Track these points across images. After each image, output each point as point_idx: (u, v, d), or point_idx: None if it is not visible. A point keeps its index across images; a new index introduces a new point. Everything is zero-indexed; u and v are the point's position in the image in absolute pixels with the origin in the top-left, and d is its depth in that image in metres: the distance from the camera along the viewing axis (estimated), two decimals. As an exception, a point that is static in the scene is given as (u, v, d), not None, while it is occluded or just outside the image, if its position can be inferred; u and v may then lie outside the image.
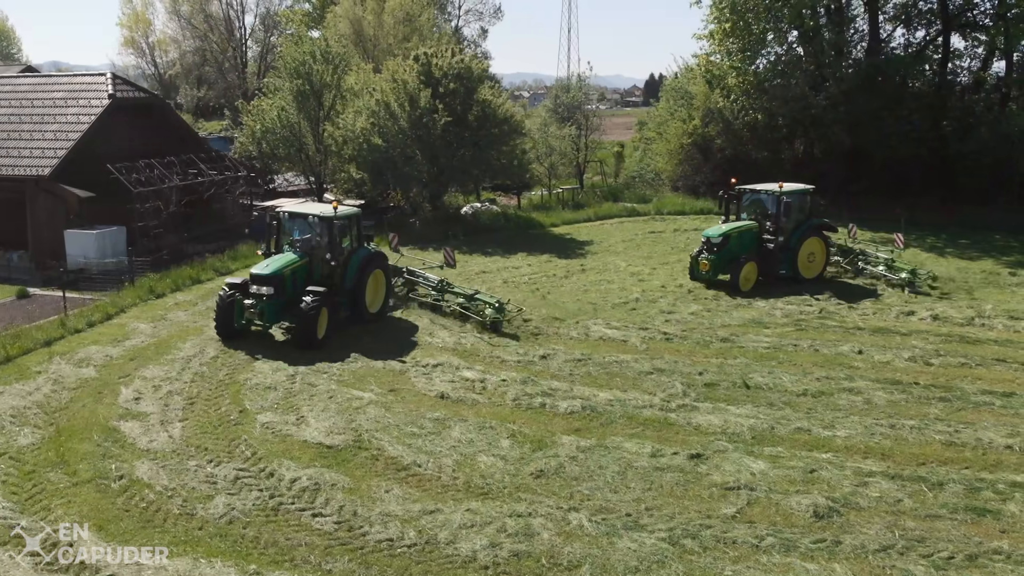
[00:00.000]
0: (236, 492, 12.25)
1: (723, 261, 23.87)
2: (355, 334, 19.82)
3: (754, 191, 25.34)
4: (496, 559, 10.68)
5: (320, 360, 17.83)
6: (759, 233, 24.64)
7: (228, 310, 18.48)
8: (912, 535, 11.32)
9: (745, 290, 23.55)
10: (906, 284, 24.29)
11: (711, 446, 14.03)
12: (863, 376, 17.45)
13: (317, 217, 19.82)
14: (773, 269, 24.36)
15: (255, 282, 18.44)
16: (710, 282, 24.37)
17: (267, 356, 18.07)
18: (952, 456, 13.81)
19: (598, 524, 11.53)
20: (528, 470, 13.14)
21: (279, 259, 18.93)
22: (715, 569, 10.51)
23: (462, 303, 21.41)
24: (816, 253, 24.95)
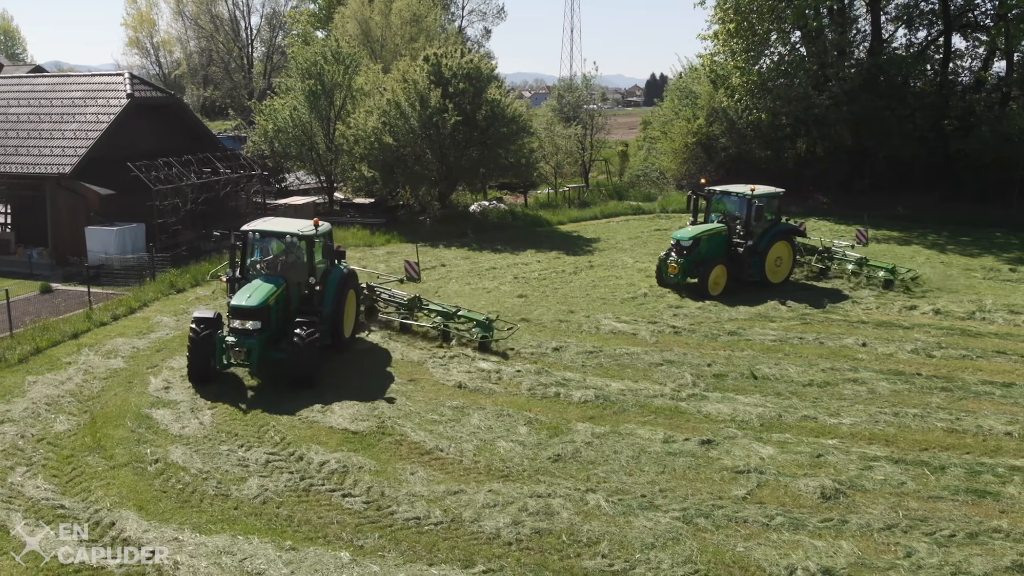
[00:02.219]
0: (268, 475, 12.80)
1: (692, 264, 23.22)
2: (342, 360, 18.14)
3: (725, 192, 24.77)
4: (519, 536, 11.23)
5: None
6: (729, 236, 24.01)
7: (205, 350, 15.76)
8: (915, 515, 11.86)
9: (714, 294, 23.02)
10: (883, 283, 24.17)
11: (721, 432, 14.57)
12: (867, 367, 17.98)
13: (296, 236, 17.17)
14: (742, 273, 23.73)
15: (237, 316, 15.72)
16: (678, 286, 23.87)
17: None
18: (954, 442, 14.35)
19: (615, 504, 12.08)
20: (546, 454, 13.68)
21: (258, 287, 16.20)
22: (727, 546, 11.05)
23: (442, 322, 19.48)
24: (783, 257, 24.28)
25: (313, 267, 17.09)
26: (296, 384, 15.94)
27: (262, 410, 15.25)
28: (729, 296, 23.09)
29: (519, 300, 23.21)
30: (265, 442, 13.96)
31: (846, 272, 25.21)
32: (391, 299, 20.98)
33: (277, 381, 16.43)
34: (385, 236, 31.18)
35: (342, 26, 48.78)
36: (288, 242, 17.50)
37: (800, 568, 10.48)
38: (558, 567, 10.60)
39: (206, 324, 15.82)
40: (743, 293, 23.40)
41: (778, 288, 24.03)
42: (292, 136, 34.79)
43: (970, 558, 10.75)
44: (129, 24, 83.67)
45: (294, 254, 17.63)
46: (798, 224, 26.24)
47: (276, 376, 16.57)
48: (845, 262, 25.46)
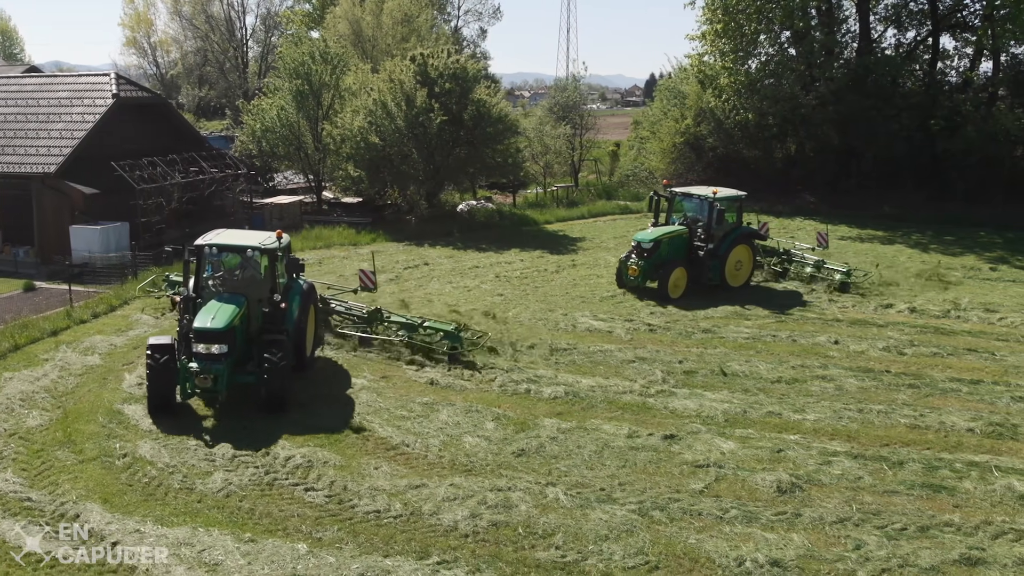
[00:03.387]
0: (233, 469, 12.97)
1: (652, 267, 22.93)
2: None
3: (687, 194, 24.56)
4: (476, 528, 11.41)
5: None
6: (690, 239, 23.73)
7: (166, 378, 14.47)
8: (869, 508, 12.04)
9: (674, 297, 22.71)
10: (839, 284, 24.08)
11: (685, 428, 14.76)
12: (837, 365, 18.17)
13: (257, 250, 15.75)
14: (702, 276, 23.39)
15: (202, 339, 14.39)
16: (638, 288, 23.52)
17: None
18: (915, 438, 14.53)
19: (573, 497, 12.26)
20: (510, 449, 13.86)
21: (220, 307, 14.86)
22: (680, 538, 11.23)
23: (406, 335, 18.47)
24: (743, 261, 24.03)
25: (276, 282, 15.83)
26: (268, 408, 14.87)
27: (232, 406, 15.39)
28: (690, 299, 22.80)
29: (498, 298, 23.40)
30: (233, 438, 14.11)
31: (804, 274, 25.09)
32: (348, 312, 19.55)
33: (244, 407, 15.13)
34: (370, 235, 31.38)
35: (333, 26, 48.98)
36: (248, 256, 16.03)
37: (749, 560, 10.65)
38: (511, 558, 10.78)
39: (164, 351, 14.44)
40: (706, 295, 23.21)
41: (738, 292, 23.84)
42: (280, 135, 35.01)
43: (918, 551, 10.92)
44: (126, 24, 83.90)
45: (254, 269, 16.36)
46: (761, 225, 26.06)
47: (242, 402, 15.25)
48: (804, 264, 25.34)
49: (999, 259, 29.95)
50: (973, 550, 10.93)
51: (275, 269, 15.95)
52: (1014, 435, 14.72)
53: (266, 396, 14.86)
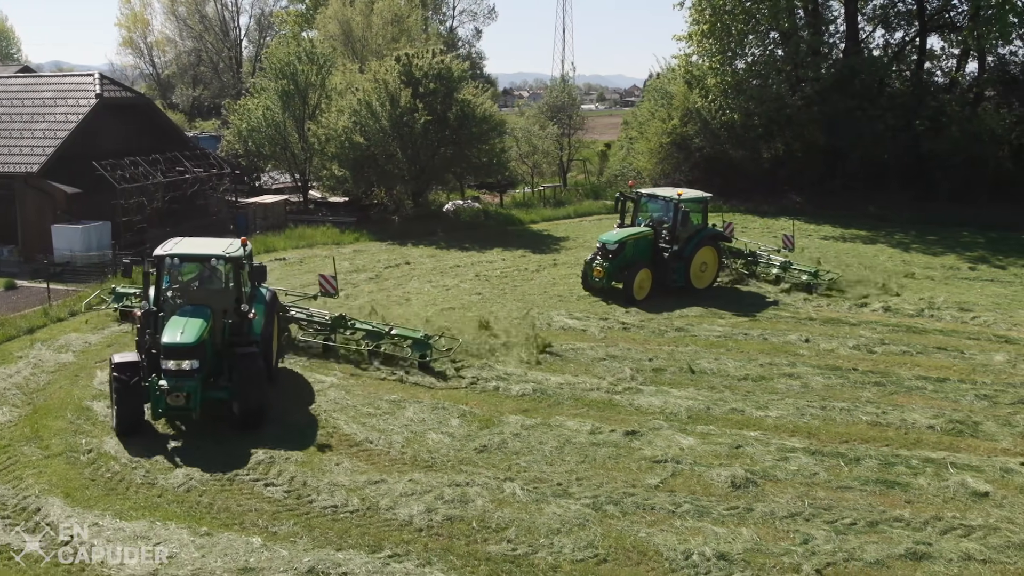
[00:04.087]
0: (195, 464, 13.11)
1: (617, 268, 22.77)
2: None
3: (652, 196, 24.45)
4: (431, 522, 11.56)
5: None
6: (655, 240, 23.55)
7: (135, 398, 13.80)
8: (820, 504, 12.19)
9: (639, 299, 22.49)
10: (806, 285, 24.04)
11: (647, 424, 14.91)
12: (805, 363, 18.31)
13: (222, 259, 15.23)
14: (667, 278, 23.20)
15: (172, 356, 13.71)
16: (603, 290, 23.35)
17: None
18: (875, 435, 14.68)
19: (530, 492, 12.40)
20: (472, 445, 14.01)
21: (187, 321, 14.15)
22: (631, 532, 11.38)
23: (373, 343, 17.95)
24: (708, 263, 23.87)
25: (242, 292, 15.07)
26: (244, 425, 14.21)
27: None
28: (665, 299, 22.74)
29: (476, 297, 23.54)
30: (197, 435, 14.26)
31: (770, 276, 25.06)
32: (310, 319, 18.85)
33: (215, 424, 14.54)
34: (354, 235, 31.54)
35: (324, 26, 49.16)
36: (212, 266, 15.67)
37: (696, 553, 10.80)
38: (463, 552, 10.93)
39: (131, 369, 13.77)
40: (682, 296, 23.14)
41: (713, 292, 23.88)
42: (265, 135, 35.17)
43: (865, 545, 11.06)
44: (122, 24, 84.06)
45: (218, 279, 15.85)
46: (726, 226, 25.99)
47: (213, 419, 14.62)
48: (770, 266, 25.27)
49: (979, 259, 30.10)
50: (920, 545, 11.07)
51: (240, 278, 15.11)
52: (974, 432, 14.87)
53: (241, 412, 14.17)
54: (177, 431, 14.42)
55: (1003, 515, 11.96)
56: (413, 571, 10.45)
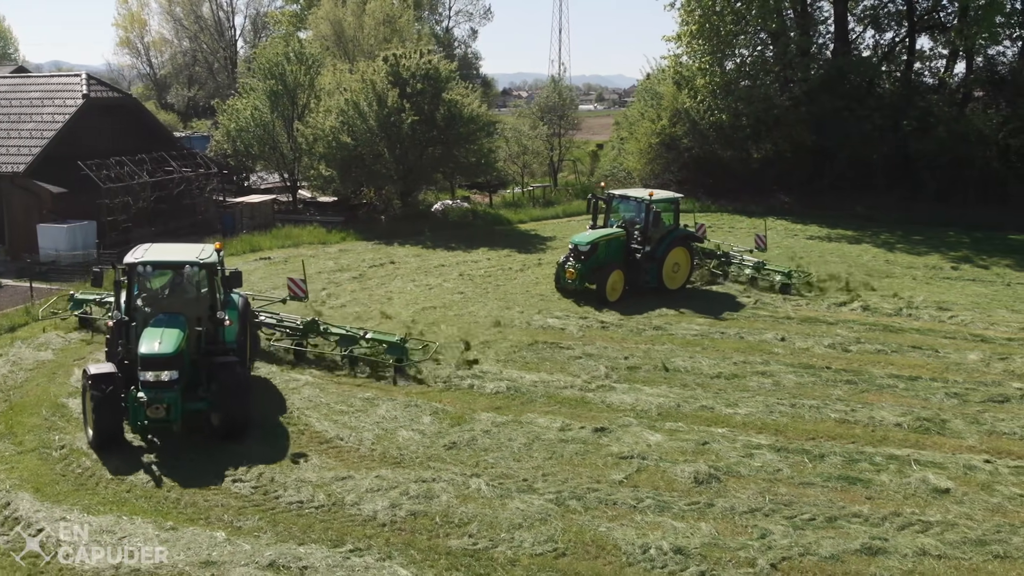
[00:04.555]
0: (165, 461, 13.25)
1: (590, 270, 22.73)
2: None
3: (624, 197, 24.37)
4: (394, 518, 11.70)
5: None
6: (627, 241, 23.55)
7: (113, 411, 13.29)
8: (781, 499, 12.33)
9: (612, 300, 22.45)
10: (780, 286, 24.06)
11: (617, 421, 15.06)
12: (779, 361, 18.45)
13: (196, 265, 14.75)
14: (639, 279, 23.21)
15: (151, 367, 13.26)
16: (576, 292, 23.26)
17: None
18: (842, 432, 14.82)
19: (495, 488, 12.54)
20: (442, 442, 14.15)
21: (164, 331, 13.69)
22: (591, 526, 11.52)
23: (347, 347, 17.63)
24: (681, 264, 23.82)
25: (216, 299, 14.67)
26: (226, 435, 13.86)
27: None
28: (644, 299, 22.77)
29: (458, 296, 23.67)
30: (171, 433, 14.37)
31: (744, 277, 25.05)
32: (279, 324, 18.50)
33: (194, 437, 14.12)
34: (341, 234, 31.69)
35: (316, 26, 49.31)
36: (187, 272, 15.22)
37: (654, 547, 10.94)
38: (424, 546, 11.07)
39: (108, 381, 13.26)
40: (641, 295, 23.10)
41: (692, 292, 23.93)
42: (254, 135, 35.32)
43: (821, 540, 11.20)
44: (120, 24, 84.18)
45: (190, 285, 15.43)
46: (698, 227, 25.96)
47: (191, 431, 14.21)
48: (743, 267, 25.26)
49: (963, 259, 30.26)
50: (876, 540, 11.20)
51: (215, 284, 14.67)
52: (941, 430, 15.01)
53: (225, 423, 13.82)
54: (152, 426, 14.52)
55: (962, 511, 12.11)
56: (373, 565, 10.58)
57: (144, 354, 13.35)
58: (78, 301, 20.10)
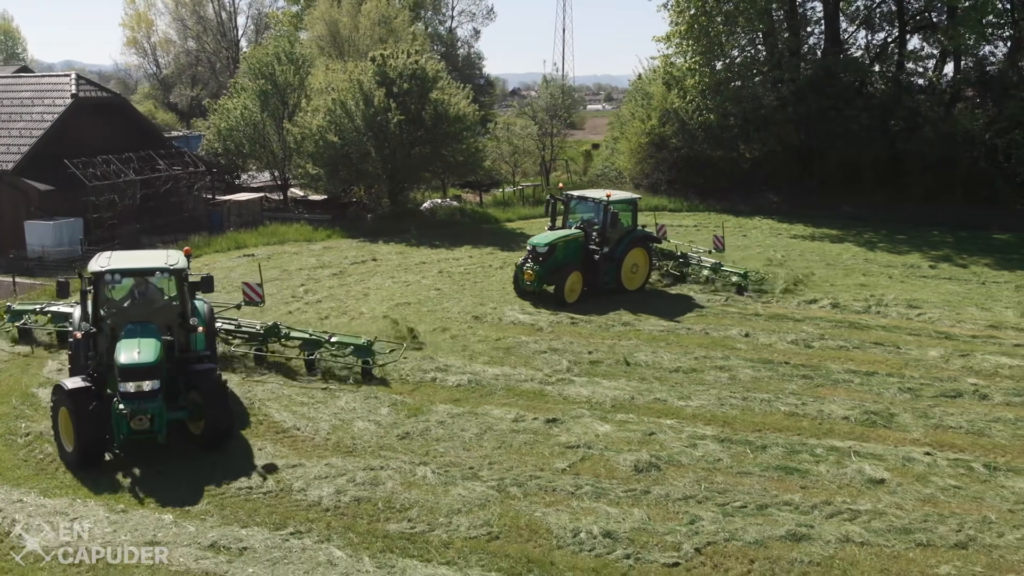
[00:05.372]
0: (124, 449, 13.66)
1: (548, 271, 22.62)
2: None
3: (582, 198, 24.31)
4: (338, 503, 12.11)
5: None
6: (585, 242, 23.43)
7: (97, 426, 12.86)
8: (716, 488, 12.67)
9: (570, 301, 22.37)
10: (736, 287, 24.10)
11: (570, 413, 15.41)
12: (740, 356, 18.77)
13: (167, 272, 14.23)
14: (598, 280, 23.19)
15: (131, 377, 12.90)
16: (534, 294, 23.11)
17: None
18: (789, 425, 15.14)
19: (440, 475, 12.93)
20: (396, 432, 14.54)
21: (142, 339, 13.28)
22: (528, 511, 11.90)
23: (310, 352, 17.31)
24: (639, 264, 23.83)
25: (187, 305, 14.29)
26: (211, 444, 13.65)
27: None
28: (590, 302, 22.65)
29: (434, 293, 24.06)
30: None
31: (701, 277, 25.10)
32: (238, 330, 18.07)
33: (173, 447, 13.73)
34: (327, 232, 32.14)
35: (312, 27, 49.82)
36: (160, 279, 14.75)
37: (584, 531, 11.30)
38: (363, 529, 11.46)
39: (88, 396, 12.93)
40: (599, 296, 23.12)
41: (634, 295, 23.72)
42: (244, 134, 35.83)
43: (748, 526, 11.53)
44: (127, 24, 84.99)
45: (155, 293, 15.02)
46: (658, 228, 26.06)
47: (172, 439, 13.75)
48: (701, 267, 25.31)
49: (943, 257, 30.48)
50: (802, 527, 11.52)
51: (184, 291, 14.29)
52: (888, 423, 15.29)
53: (208, 431, 13.57)
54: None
55: (893, 501, 12.41)
56: (310, 546, 10.99)
57: (124, 364, 12.90)
58: (16, 312, 19.05)
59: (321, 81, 37.27)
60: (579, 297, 22.71)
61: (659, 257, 25.59)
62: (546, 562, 10.77)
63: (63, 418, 13.12)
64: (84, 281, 13.89)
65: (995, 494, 12.73)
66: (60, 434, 13.27)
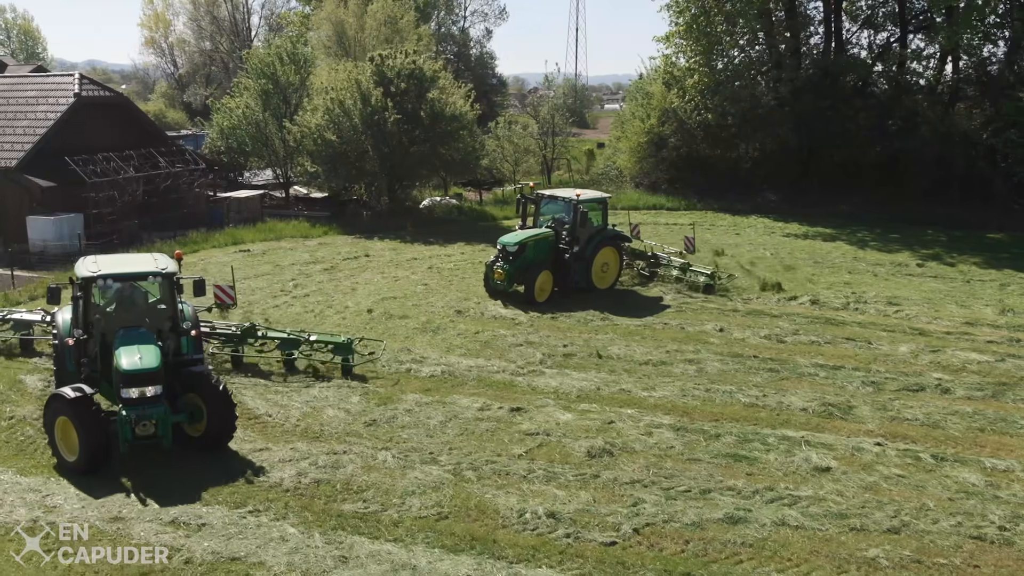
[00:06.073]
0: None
1: (518, 271, 22.66)
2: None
3: (552, 197, 24.36)
4: (298, 484, 12.65)
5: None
6: (555, 242, 23.46)
7: (102, 434, 12.74)
8: (664, 473, 13.12)
9: (540, 301, 22.42)
10: (703, 286, 24.12)
11: (535, 402, 15.89)
12: (711, 350, 19.15)
13: (159, 275, 13.95)
14: (568, 279, 23.23)
15: (134, 383, 12.77)
16: (504, 293, 23.04)
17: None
18: (747, 415, 15.54)
19: (400, 460, 13.46)
20: (364, 419, 15.08)
21: (140, 345, 13.20)
22: (479, 493, 12.40)
23: (289, 352, 17.33)
24: (610, 263, 23.89)
25: (177, 309, 14.20)
26: (215, 443, 13.64)
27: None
28: (555, 303, 22.67)
29: (421, 288, 24.54)
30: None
31: (671, 277, 25.13)
32: (213, 331, 17.73)
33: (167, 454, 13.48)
34: (323, 228, 32.77)
35: (318, 27, 50.52)
36: (151, 284, 14.41)
37: (529, 511, 11.80)
38: (319, 509, 12.00)
39: (91, 403, 12.86)
40: (570, 296, 23.19)
41: (611, 293, 23.90)
42: (246, 132, 36.55)
43: (688, 509, 11.97)
44: (145, 24, 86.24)
45: (146, 297, 14.84)
46: (632, 227, 25.82)
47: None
48: (670, 267, 25.40)
49: (933, 256, 30.62)
50: (740, 511, 11.96)
51: (175, 295, 14.16)
52: (844, 415, 15.64)
53: (211, 433, 13.56)
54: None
55: (835, 488, 12.80)
56: (266, 523, 11.54)
57: (127, 370, 12.73)
58: None
59: (324, 81, 37.92)
60: (549, 296, 22.90)
61: (631, 257, 25.78)
62: (489, 540, 11.26)
63: (62, 427, 12.88)
64: (75, 287, 13.80)
65: (938, 483, 13.07)
66: (58, 444, 12.99)
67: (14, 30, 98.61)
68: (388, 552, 10.92)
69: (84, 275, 13.56)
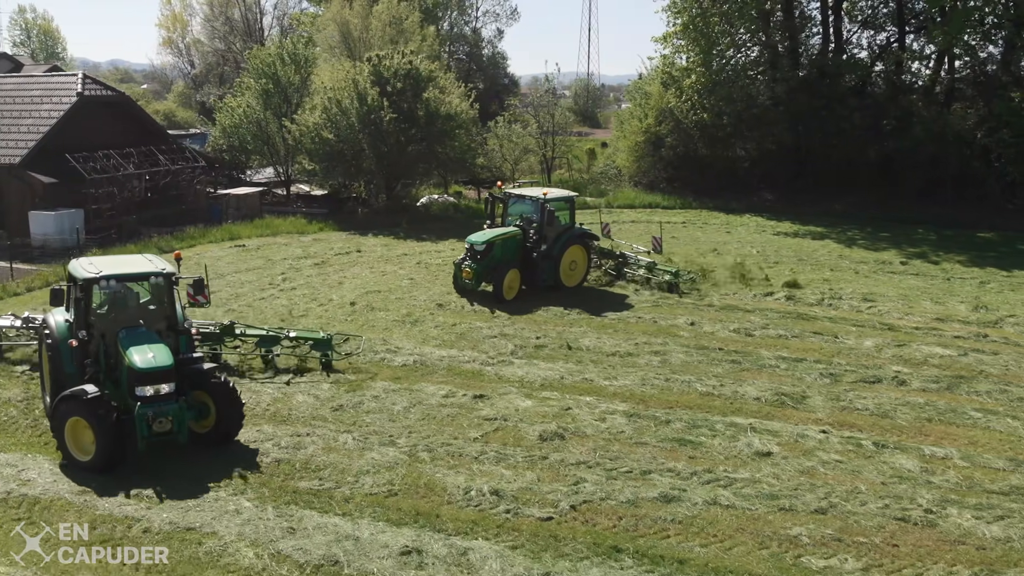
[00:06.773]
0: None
1: (486, 269, 22.86)
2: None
3: (520, 196, 24.53)
4: (259, 463, 13.35)
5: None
6: (523, 240, 23.65)
7: (120, 433, 12.87)
8: (609, 455, 13.72)
9: (509, 299, 22.58)
10: (668, 285, 24.27)
11: (499, 390, 16.50)
12: (678, 342, 19.68)
13: (160, 276, 14.07)
14: (536, 278, 23.40)
15: (149, 381, 12.96)
16: (473, 292, 23.30)
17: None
18: (701, 403, 16.08)
19: (359, 442, 14.12)
20: (331, 405, 15.75)
21: (149, 344, 13.38)
22: (430, 472, 13.05)
23: (268, 349, 17.56)
24: (578, 261, 24.07)
25: (176, 308, 14.44)
26: (224, 439, 13.95)
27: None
28: (522, 301, 22.82)
29: (407, 282, 25.19)
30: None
31: (638, 276, 25.31)
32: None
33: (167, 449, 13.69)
34: (319, 225, 33.53)
35: (323, 28, 51.34)
36: (152, 284, 14.38)
37: (475, 489, 12.43)
38: (275, 486, 12.68)
39: (105, 402, 12.91)
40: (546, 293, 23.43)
41: (569, 291, 23.91)
42: (248, 131, 37.41)
43: (624, 488, 12.57)
44: (162, 24, 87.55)
45: (138, 297, 14.87)
46: (603, 226, 26.02)
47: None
48: (637, 266, 25.52)
49: (919, 255, 30.95)
50: (674, 490, 12.54)
51: (174, 294, 14.40)
52: (796, 404, 16.14)
53: (221, 428, 13.88)
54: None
55: (772, 471, 13.34)
56: (223, 498, 12.24)
57: (141, 368, 12.90)
58: None
59: (325, 81, 38.70)
60: (517, 294, 23.16)
61: (599, 255, 26.09)
62: (433, 515, 11.91)
63: (74, 428, 12.97)
64: (75, 288, 13.88)
65: (874, 468, 13.58)
66: (68, 445, 13.03)
67: (34, 30, 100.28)
68: (335, 524, 11.59)
69: (86, 276, 13.58)
